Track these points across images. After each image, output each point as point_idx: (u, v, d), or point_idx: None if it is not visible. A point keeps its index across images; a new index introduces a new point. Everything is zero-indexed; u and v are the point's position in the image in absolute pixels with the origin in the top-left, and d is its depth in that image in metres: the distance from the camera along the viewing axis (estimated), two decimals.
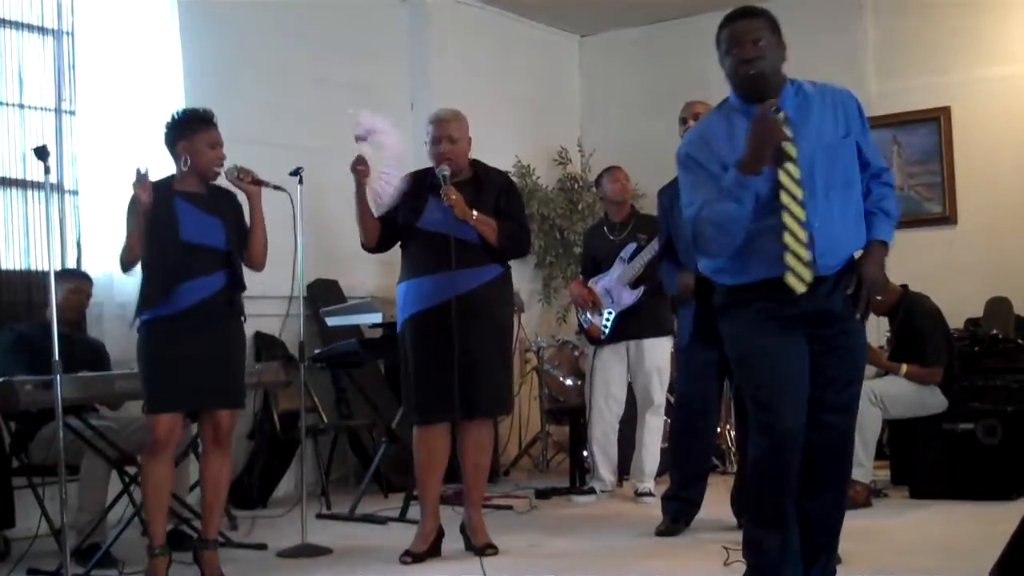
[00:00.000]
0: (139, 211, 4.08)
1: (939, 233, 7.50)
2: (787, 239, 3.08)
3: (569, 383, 6.97)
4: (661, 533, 4.93)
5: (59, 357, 3.99)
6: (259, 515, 5.86)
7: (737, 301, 3.23)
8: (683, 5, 7.27)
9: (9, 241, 5.64)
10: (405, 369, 4.62)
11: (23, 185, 5.70)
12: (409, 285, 4.60)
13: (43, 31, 5.88)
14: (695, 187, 3.19)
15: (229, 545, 4.91)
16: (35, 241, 5.70)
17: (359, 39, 7.32)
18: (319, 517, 5.71)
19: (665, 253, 5.09)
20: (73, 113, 5.91)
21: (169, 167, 4.33)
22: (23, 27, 5.80)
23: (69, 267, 5.70)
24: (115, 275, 5.48)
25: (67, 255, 5.86)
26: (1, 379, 4.45)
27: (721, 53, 3.20)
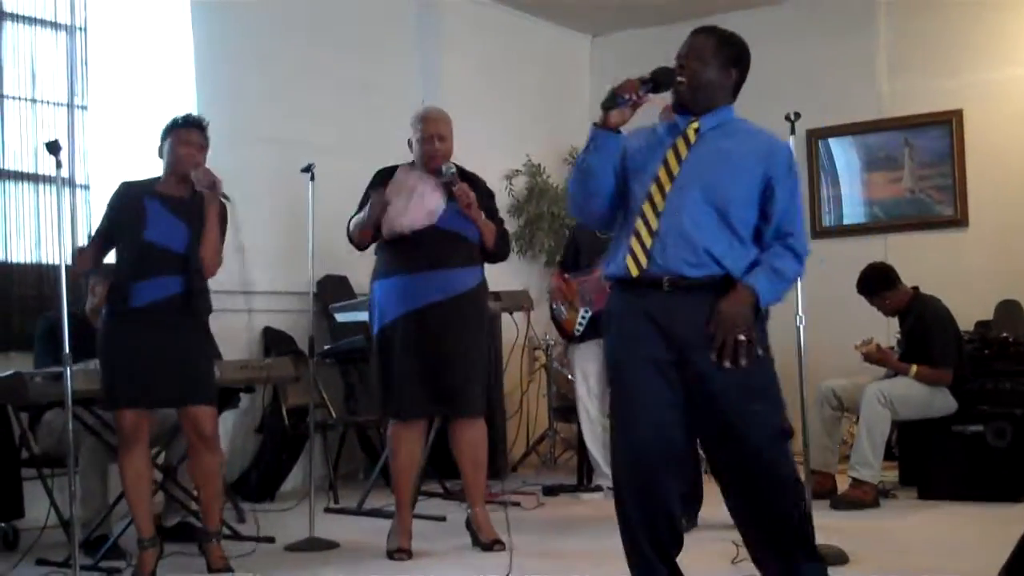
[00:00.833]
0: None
1: (950, 236, 7.49)
2: (637, 223, 3.11)
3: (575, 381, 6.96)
4: None
5: (70, 348, 3.99)
6: (267, 509, 5.87)
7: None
8: (695, 6, 7.27)
9: (21, 235, 5.67)
10: (386, 365, 4.58)
11: (35, 179, 5.73)
12: (403, 280, 4.54)
13: (56, 26, 5.90)
14: None
15: (237, 538, 4.92)
16: (46, 235, 5.73)
17: (370, 36, 7.33)
18: (327, 511, 5.73)
19: None
20: (85, 108, 5.94)
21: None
22: (36, 22, 5.82)
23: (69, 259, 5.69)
24: None
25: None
26: (11, 372, 4.49)
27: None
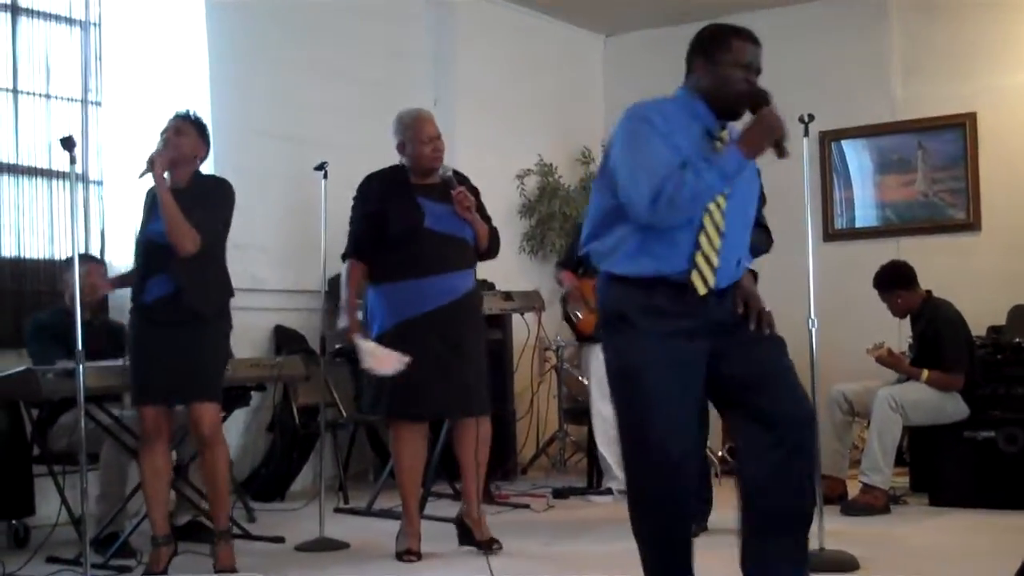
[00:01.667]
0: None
1: (962, 240, 7.47)
2: (701, 239, 3.07)
3: (587, 382, 6.96)
4: None
5: (81, 344, 3.99)
6: (277, 508, 5.88)
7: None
8: (708, 5, 7.24)
9: (34, 230, 5.68)
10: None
11: (48, 175, 5.74)
12: (402, 286, 4.52)
13: (70, 22, 5.92)
14: (637, 146, 3.15)
15: (247, 537, 4.92)
16: (59, 230, 5.75)
17: (384, 36, 7.33)
18: (337, 511, 5.73)
19: None
20: (99, 104, 5.95)
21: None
22: (51, 17, 5.83)
23: (81, 252, 5.70)
24: None
25: (91, 245, 5.91)
26: (23, 368, 4.49)
27: (717, 57, 3.17)
